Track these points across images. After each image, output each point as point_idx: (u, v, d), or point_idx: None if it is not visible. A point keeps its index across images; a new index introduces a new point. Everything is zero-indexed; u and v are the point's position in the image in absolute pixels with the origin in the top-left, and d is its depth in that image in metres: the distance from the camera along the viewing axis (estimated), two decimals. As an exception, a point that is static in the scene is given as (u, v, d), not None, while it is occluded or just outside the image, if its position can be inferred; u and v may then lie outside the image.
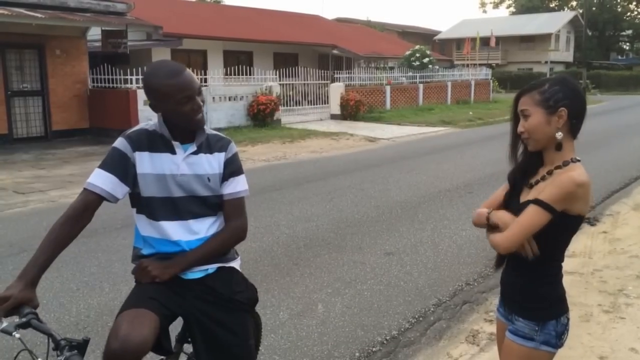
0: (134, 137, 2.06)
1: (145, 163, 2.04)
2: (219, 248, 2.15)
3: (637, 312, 3.92)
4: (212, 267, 2.14)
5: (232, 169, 2.17)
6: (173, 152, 2.07)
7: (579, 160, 1.84)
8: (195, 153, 2.10)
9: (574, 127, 1.83)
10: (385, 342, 3.64)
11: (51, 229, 1.94)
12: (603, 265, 4.92)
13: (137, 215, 2.15)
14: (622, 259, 5.09)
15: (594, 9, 50.17)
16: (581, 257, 5.21)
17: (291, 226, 6.26)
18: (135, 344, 1.81)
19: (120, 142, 2.05)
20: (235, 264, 2.24)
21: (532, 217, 1.78)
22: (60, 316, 3.97)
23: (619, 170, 9.56)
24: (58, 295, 4.34)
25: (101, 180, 2.00)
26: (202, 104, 2.05)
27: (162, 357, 2.11)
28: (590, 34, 48.70)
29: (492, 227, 1.91)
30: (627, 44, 58.68)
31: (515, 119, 1.92)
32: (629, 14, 54.69)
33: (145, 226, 2.12)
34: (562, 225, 1.80)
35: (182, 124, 2.05)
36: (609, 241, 5.69)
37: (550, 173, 1.85)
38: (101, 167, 2.04)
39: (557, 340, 1.88)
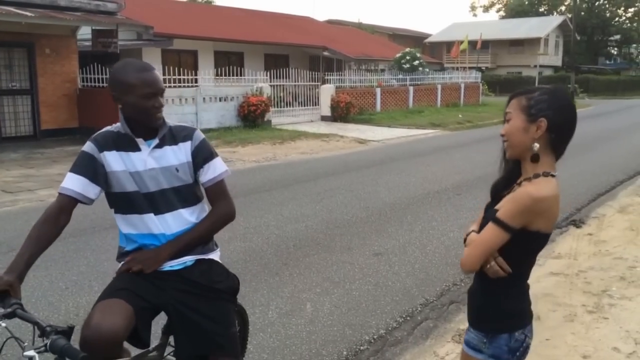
0: (100, 138, 2.16)
1: (114, 162, 2.12)
2: (208, 231, 2.23)
3: (620, 312, 3.98)
4: (190, 259, 2.19)
5: (203, 155, 2.22)
6: (138, 148, 2.14)
7: (553, 175, 1.75)
8: (159, 146, 2.16)
9: (553, 141, 1.75)
10: (373, 341, 3.68)
11: (32, 228, 2.04)
12: (588, 267, 5.00)
13: (116, 215, 2.21)
14: (606, 260, 5.17)
15: (582, 13, 50.68)
16: (566, 258, 5.29)
17: (281, 227, 6.29)
18: (106, 331, 1.88)
19: (87, 145, 2.16)
20: (215, 256, 2.30)
21: (489, 236, 1.74)
22: (49, 315, 3.97)
23: (605, 173, 9.68)
24: (47, 294, 4.33)
25: (71, 182, 2.10)
26: (163, 105, 2.13)
27: (148, 349, 2.14)
28: (579, 38, 49.11)
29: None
30: (615, 48, 59.26)
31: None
32: (617, 19, 55.32)
33: (125, 223, 2.19)
34: (522, 243, 1.73)
35: (142, 120, 2.11)
36: (594, 243, 5.77)
37: (520, 184, 1.78)
38: (71, 170, 2.13)
39: (510, 356, 1.82)
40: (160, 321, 2.26)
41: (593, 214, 7.01)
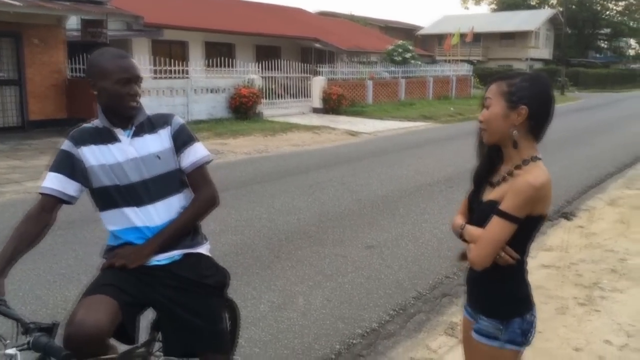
0: (76, 134, 2.14)
1: (93, 156, 2.09)
2: (192, 219, 2.17)
3: (612, 305, 4.00)
4: (178, 254, 2.14)
5: (182, 140, 2.18)
6: (117, 139, 2.10)
7: (539, 159, 1.78)
8: (139, 135, 2.12)
9: (533, 128, 1.77)
10: (365, 334, 3.66)
11: (16, 225, 2.02)
12: (579, 259, 5.01)
13: (102, 213, 2.17)
14: (597, 252, 5.19)
15: (573, 7, 50.80)
16: (558, 251, 5.30)
17: (272, 219, 6.25)
18: (90, 328, 1.84)
19: (64, 143, 2.13)
20: (203, 249, 2.24)
21: (499, 231, 1.75)
22: (37, 308, 3.92)
23: (595, 166, 9.72)
24: (34, 288, 4.28)
25: (50, 181, 2.07)
26: (138, 94, 2.09)
27: (137, 345, 2.11)
28: (569, 32, 49.30)
29: (466, 241, 1.89)
30: (605, 42, 59.57)
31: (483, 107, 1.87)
32: (607, 12, 55.54)
33: (109, 221, 2.15)
34: (526, 228, 1.77)
35: (118, 107, 2.08)
36: (584, 235, 5.79)
37: (511, 174, 1.79)
38: (49, 169, 2.11)
39: (523, 338, 1.85)
40: (150, 316, 2.22)
41: (583, 207, 7.04)
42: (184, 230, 2.15)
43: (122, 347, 2.10)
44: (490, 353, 1.87)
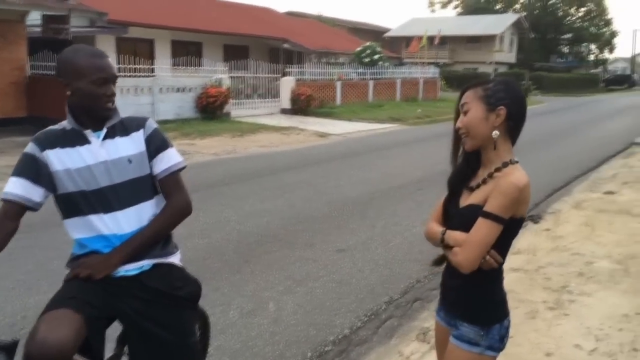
0: (42, 137, 2.01)
1: (60, 160, 1.97)
2: (164, 227, 2.07)
3: (580, 308, 4.04)
4: (147, 264, 2.03)
5: (156, 144, 2.09)
6: (87, 141, 2.00)
7: (517, 162, 1.82)
8: (110, 137, 2.02)
9: (511, 129, 1.82)
10: (337, 341, 3.61)
11: None
12: (547, 262, 5.06)
13: (66, 221, 2.05)
14: (564, 256, 5.25)
15: (536, 12, 51.95)
16: (526, 254, 5.35)
17: (241, 222, 6.15)
18: (53, 345, 1.71)
19: (28, 146, 2.00)
20: (174, 259, 2.13)
21: (486, 232, 1.75)
22: (-6, 317, 3.74)
23: (560, 169, 9.91)
24: (-8, 295, 4.08)
25: (13, 186, 1.94)
26: (114, 94, 2.01)
27: None
28: (533, 36, 50.41)
29: (448, 247, 1.87)
30: (567, 47, 61.10)
31: (458, 115, 1.89)
32: (569, 18, 56.98)
33: (75, 228, 2.03)
34: (508, 231, 1.78)
35: (92, 108, 1.98)
36: (551, 238, 5.86)
37: (491, 176, 1.82)
38: (13, 174, 1.98)
39: (500, 344, 1.87)
40: (116, 329, 2.11)
41: (550, 210, 7.14)
42: (155, 238, 2.05)
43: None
44: (471, 359, 1.86)
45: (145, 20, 19.52)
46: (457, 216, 1.87)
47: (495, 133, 1.79)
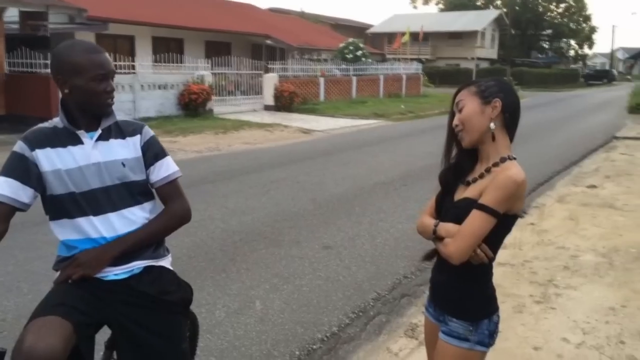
0: (31, 136, 1.92)
1: (50, 160, 1.89)
2: (161, 231, 2.02)
3: (566, 302, 4.05)
4: (138, 267, 1.96)
5: (153, 152, 2.04)
6: (80, 142, 1.92)
7: (514, 158, 1.83)
8: (105, 139, 1.96)
9: (507, 121, 1.83)
10: (325, 339, 3.57)
11: None
12: (532, 257, 5.08)
13: (52, 222, 1.97)
14: (549, 250, 5.28)
15: (517, 8, 52.37)
16: (512, 248, 5.36)
17: (226, 220, 6.08)
18: (41, 355, 1.63)
19: (17, 145, 1.92)
20: (166, 262, 2.07)
21: (479, 224, 1.74)
22: (-27, 321, 3.63)
23: (543, 163, 9.97)
24: (-30, 298, 3.97)
25: (1, 187, 1.85)
26: (114, 89, 1.96)
27: None
28: (513, 32, 50.82)
29: (439, 238, 1.86)
30: (547, 43, 61.74)
31: (452, 116, 1.90)
32: (549, 14, 57.55)
33: (62, 230, 1.95)
34: (502, 226, 1.77)
35: (91, 105, 1.92)
36: (536, 232, 5.89)
37: (488, 170, 1.81)
38: (1, 174, 1.88)
39: (489, 339, 1.87)
40: (104, 333, 2.05)
41: (534, 204, 7.18)
42: (150, 241, 1.99)
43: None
44: (461, 355, 1.86)
45: (125, 16, 19.26)
46: (451, 209, 1.86)
47: (492, 125, 1.80)
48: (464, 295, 1.87)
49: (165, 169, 2.05)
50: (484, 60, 47.08)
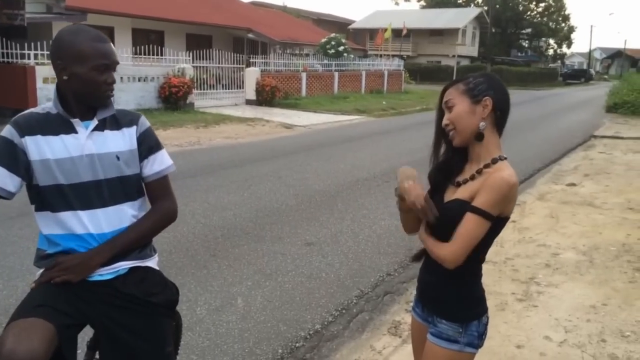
0: (22, 121, 1.82)
1: (39, 148, 1.79)
2: (150, 231, 1.96)
3: (548, 300, 4.07)
4: (123, 267, 1.89)
5: (148, 144, 1.96)
6: (74, 131, 1.84)
7: (505, 158, 1.79)
8: (100, 130, 1.87)
9: (498, 120, 1.79)
10: (308, 336, 3.53)
11: None
12: (514, 254, 5.10)
13: (37, 213, 1.87)
14: (531, 247, 5.31)
15: (498, 6, 52.79)
16: (493, 246, 5.29)
17: (207, 215, 6.00)
18: (22, 358, 1.56)
19: (5, 129, 1.81)
20: (152, 263, 2.00)
21: (474, 228, 1.71)
22: (-56, 318, 3.51)
23: (524, 161, 10.04)
24: (-59, 295, 3.85)
25: None
26: (115, 81, 1.89)
27: None
28: (494, 30, 51.20)
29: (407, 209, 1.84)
30: (527, 41, 62.38)
31: (441, 114, 1.86)
32: (529, 13, 58.12)
33: (48, 223, 1.85)
34: (494, 228, 1.75)
35: (89, 95, 1.83)
36: (518, 230, 5.92)
37: (480, 172, 1.78)
38: None
39: (479, 340, 1.85)
40: (87, 333, 1.98)
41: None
42: (140, 242, 1.92)
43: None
44: (450, 357, 1.83)
45: (104, 7, 18.92)
46: (441, 210, 1.82)
47: (482, 125, 1.77)
48: (453, 296, 1.84)
49: (159, 163, 1.98)
50: (464, 57, 47.37)
